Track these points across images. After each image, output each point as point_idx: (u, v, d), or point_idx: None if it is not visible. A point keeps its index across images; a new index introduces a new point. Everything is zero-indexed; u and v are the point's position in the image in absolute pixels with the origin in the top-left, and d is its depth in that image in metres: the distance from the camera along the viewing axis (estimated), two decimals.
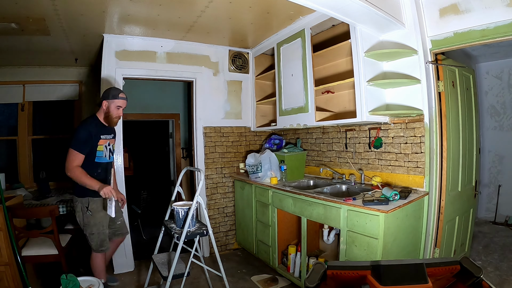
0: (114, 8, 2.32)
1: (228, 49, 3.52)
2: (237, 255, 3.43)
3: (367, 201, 1.91)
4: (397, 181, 2.42)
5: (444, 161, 2.23)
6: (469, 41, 2.00)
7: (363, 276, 1.05)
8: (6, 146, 3.88)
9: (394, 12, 2.12)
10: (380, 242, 1.81)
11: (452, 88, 2.35)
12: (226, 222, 3.57)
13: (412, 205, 2.05)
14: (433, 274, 1.03)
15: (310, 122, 2.70)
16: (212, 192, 3.46)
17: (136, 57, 3.03)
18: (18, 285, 2.19)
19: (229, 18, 2.63)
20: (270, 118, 3.62)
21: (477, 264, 1.04)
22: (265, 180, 2.97)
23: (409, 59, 2.25)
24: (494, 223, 4.06)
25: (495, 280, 2.51)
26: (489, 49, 3.74)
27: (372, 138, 2.61)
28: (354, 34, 2.28)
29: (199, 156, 3.38)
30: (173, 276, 2.01)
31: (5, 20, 2.34)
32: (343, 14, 1.98)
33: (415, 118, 2.27)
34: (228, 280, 2.29)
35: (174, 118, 4.89)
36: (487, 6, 1.88)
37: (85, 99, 4.03)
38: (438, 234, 2.24)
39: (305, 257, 2.46)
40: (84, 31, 2.70)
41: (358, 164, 2.76)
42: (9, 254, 2.14)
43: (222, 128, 3.52)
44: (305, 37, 2.68)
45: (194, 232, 2.11)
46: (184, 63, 3.28)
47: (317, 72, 2.78)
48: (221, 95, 3.51)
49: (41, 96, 3.81)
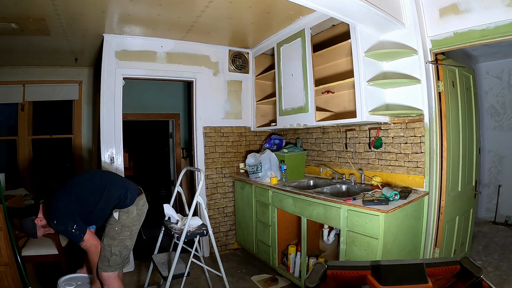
0: (114, 8, 2.32)
1: (228, 49, 3.52)
2: (237, 255, 3.43)
3: (367, 201, 1.91)
4: (397, 181, 2.42)
5: (444, 161, 2.23)
6: (469, 41, 2.00)
7: (363, 276, 1.05)
8: (6, 146, 3.88)
9: (394, 12, 2.12)
10: (380, 242, 1.81)
11: (452, 88, 2.35)
12: (226, 222, 3.57)
13: (412, 205, 2.05)
14: (433, 274, 1.03)
15: (310, 122, 2.70)
16: (212, 192, 3.46)
17: (136, 57, 3.03)
18: (18, 285, 2.19)
19: (229, 18, 2.63)
20: (270, 118, 3.62)
21: (477, 264, 1.04)
22: (265, 180, 2.97)
23: (409, 59, 2.25)
24: (494, 223, 4.06)
25: (495, 280, 2.51)
26: (489, 49, 3.74)
27: (372, 138, 2.61)
28: (354, 34, 2.28)
29: (199, 156, 3.38)
30: (173, 276, 2.01)
31: (5, 20, 2.34)
32: (343, 14, 1.98)
33: (415, 118, 2.27)
34: (228, 280, 2.29)
35: (174, 118, 4.89)
36: (487, 6, 1.88)
37: (85, 99, 4.04)
38: (438, 234, 2.24)
39: (305, 257, 2.46)
40: (84, 31, 2.70)
41: (358, 164, 2.76)
42: (9, 254, 2.14)
43: (222, 128, 3.52)
44: (305, 37, 2.68)
45: (194, 232, 2.11)
46: (184, 63, 3.28)
47: (317, 72, 2.78)
48: (221, 95, 3.51)
49: (41, 96, 3.82)
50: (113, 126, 2.91)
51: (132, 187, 1.98)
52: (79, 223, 1.74)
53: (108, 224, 1.89)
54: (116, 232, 1.87)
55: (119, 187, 1.91)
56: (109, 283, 1.86)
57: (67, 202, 1.74)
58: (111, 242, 1.87)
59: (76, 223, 1.72)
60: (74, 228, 1.71)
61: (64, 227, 1.70)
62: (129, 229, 1.91)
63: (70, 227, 1.70)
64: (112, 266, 1.86)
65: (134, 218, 1.93)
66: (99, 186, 1.87)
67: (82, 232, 1.75)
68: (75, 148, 4.01)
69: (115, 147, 2.93)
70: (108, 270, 1.86)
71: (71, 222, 1.71)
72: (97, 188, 1.86)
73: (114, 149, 2.92)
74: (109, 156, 2.90)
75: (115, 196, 1.86)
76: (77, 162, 4.02)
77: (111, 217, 1.88)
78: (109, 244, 1.86)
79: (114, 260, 1.87)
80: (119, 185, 1.94)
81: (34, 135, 3.86)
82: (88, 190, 1.84)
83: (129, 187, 1.96)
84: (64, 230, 1.71)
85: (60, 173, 3.95)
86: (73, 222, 1.71)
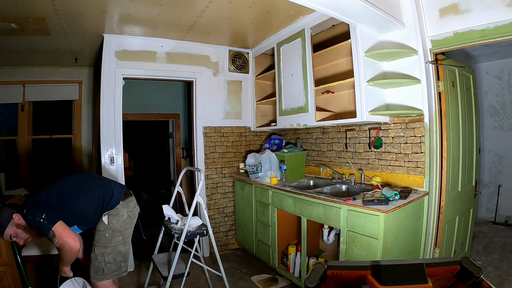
0: (114, 8, 2.32)
1: (228, 49, 3.52)
2: (237, 255, 3.43)
3: (367, 201, 1.91)
4: (397, 181, 2.42)
5: (444, 161, 2.23)
6: (469, 41, 2.00)
7: (363, 276, 1.05)
8: (6, 146, 3.88)
9: (394, 12, 2.12)
10: (380, 242, 1.81)
11: (452, 88, 2.35)
12: (226, 222, 3.57)
13: (412, 205, 2.05)
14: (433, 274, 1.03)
15: (310, 122, 2.70)
16: (212, 192, 3.46)
17: (136, 57, 3.03)
18: (18, 285, 2.19)
19: (229, 18, 2.63)
20: (270, 118, 3.62)
21: (477, 264, 1.04)
22: (265, 180, 2.97)
23: (409, 59, 2.25)
24: (494, 223, 4.06)
25: (495, 280, 2.51)
26: (489, 49, 3.74)
27: (372, 138, 2.61)
28: (354, 34, 2.28)
29: (199, 156, 3.38)
30: (173, 276, 2.01)
31: (5, 20, 2.34)
32: (343, 14, 1.98)
33: (415, 118, 2.27)
34: (228, 280, 2.29)
35: (174, 118, 4.89)
36: (487, 6, 1.88)
37: (85, 99, 4.04)
38: (438, 234, 2.24)
39: (305, 257, 2.46)
40: (84, 31, 2.70)
41: (358, 164, 2.76)
42: (9, 254, 2.14)
43: (222, 128, 3.52)
44: (305, 37, 2.68)
45: (194, 232, 2.11)
46: (184, 63, 3.28)
47: (317, 72, 2.78)
48: (221, 95, 3.51)
49: (41, 96, 3.82)
50: (113, 126, 2.92)
51: (118, 186, 1.91)
52: (49, 214, 1.60)
53: (98, 232, 1.77)
54: (107, 239, 1.76)
55: (102, 185, 1.84)
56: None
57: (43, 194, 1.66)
58: (103, 251, 1.76)
59: (45, 213, 1.59)
60: (42, 217, 1.57)
61: (32, 216, 1.58)
62: (120, 233, 1.80)
63: (38, 217, 1.57)
64: (108, 274, 1.78)
65: (125, 221, 1.82)
66: (81, 182, 1.80)
67: (51, 222, 1.59)
68: (75, 148, 4.01)
69: (115, 147, 2.93)
70: (104, 279, 1.77)
71: (39, 211, 1.59)
72: (78, 184, 1.78)
73: (114, 149, 2.92)
74: (109, 156, 2.91)
75: (97, 193, 1.77)
76: (77, 162, 4.02)
77: (100, 223, 1.76)
78: (102, 253, 1.76)
79: (109, 268, 1.78)
80: (102, 183, 1.86)
81: (34, 135, 3.86)
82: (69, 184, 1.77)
83: (114, 186, 1.88)
84: (32, 220, 1.58)
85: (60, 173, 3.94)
86: (42, 212, 1.59)
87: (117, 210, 1.79)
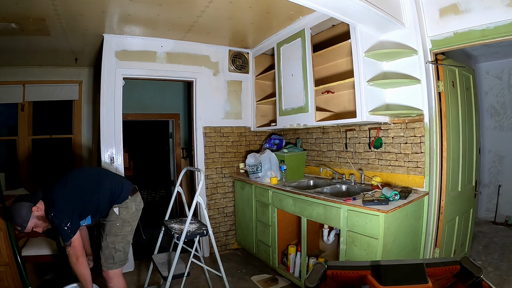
0: (114, 8, 2.32)
1: (228, 49, 3.52)
2: (237, 255, 3.43)
3: (367, 201, 1.91)
4: (397, 181, 2.42)
5: (444, 161, 2.23)
6: (469, 41, 2.00)
7: (363, 276, 1.05)
8: (6, 146, 3.88)
9: (394, 12, 2.12)
10: (380, 242, 1.81)
11: (452, 88, 2.35)
12: (226, 222, 3.57)
13: (412, 205, 2.05)
14: (433, 274, 1.03)
15: (310, 122, 2.70)
16: (212, 192, 3.46)
17: (136, 57, 3.03)
18: (18, 285, 2.19)
19: (229, 18, 2.63)
20: (270, 118, 3.62)
21: (477, 264, 1.04)
22: (265, 180, 2.96)
23: (409, 59, 2.25)
24: (494, 223, 4.06)
25: (495, 280, 2.51)
26: (489, 49, 3.74)
27: (372, 138, 2.61)
28: (354, 34, 2.28)
29: (199, 156, 3.38)
30: (173, 276, 2.01)
31: (5, 20, 2.34)
32: (343, 14, 1.98)
33: (415, 118, 2.27)
34: (228, 280, 2.29)
35: (174, 118, 4.89)
36: (487, 6, 1.88)
37: (85, 99, 4.04)
38: (438, 234, 2.24)
39: (305, 257, 2.46)
40: (84, 31, 2.70)
41: (358, 164, 2.76)
42: (9, 254, 2.14)
43: (222, 128, 3.52)
44: (305, 37, 2.68)
45: (194, 232, 2.12)
46: (184, 63, 3.28)
47: (317, 72, 2.78)
48: (221, 95, 3.51)
49: (41, 96, 3.82)
50: (113, 126, 2.91)
51: (127, 182, 2.06)
52: (74, 223, 1.72)
53: (108, 222, 1.91)
54: (118, 228, 1.92)
55: (112, 180, 1.97)
56: (116, 280, 1.92)
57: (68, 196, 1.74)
58: (114, 239, 1.91)
59: (70, 222, 1.70)
60: (67, 225, 1.69)
61: (58, 221, 1.68)
62: (129, 224, 1.97)
63: (64, 224, 1.68)
64: (117, 263, 1.92)
65: (134, 213, 1.99)
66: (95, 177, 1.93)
67: (73, 232, 1.71)
68: (75, 148, 4.01)
69: (115, 147, 2.93)
70: (113, 268, 1.91)
71: (66, 219, 1.69)
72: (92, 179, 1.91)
73: (114, 149, 2.92)
74: (109, 156, 2.91)
75: (107, 186, 1.91)
76: (77, 162, 4.02)
77: (111, 213, 1.91)
78: (113, 241, 1.90)
79: (119, 256, 1.92)
80: (112, 178, 2.00)
81: (34, 135, 3.86)
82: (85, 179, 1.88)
83: (124, 182, 2.03)
84: (58, 224, 1.68)
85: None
86: (68, 220, 1.69)
87: (126, 204, 1.95)
